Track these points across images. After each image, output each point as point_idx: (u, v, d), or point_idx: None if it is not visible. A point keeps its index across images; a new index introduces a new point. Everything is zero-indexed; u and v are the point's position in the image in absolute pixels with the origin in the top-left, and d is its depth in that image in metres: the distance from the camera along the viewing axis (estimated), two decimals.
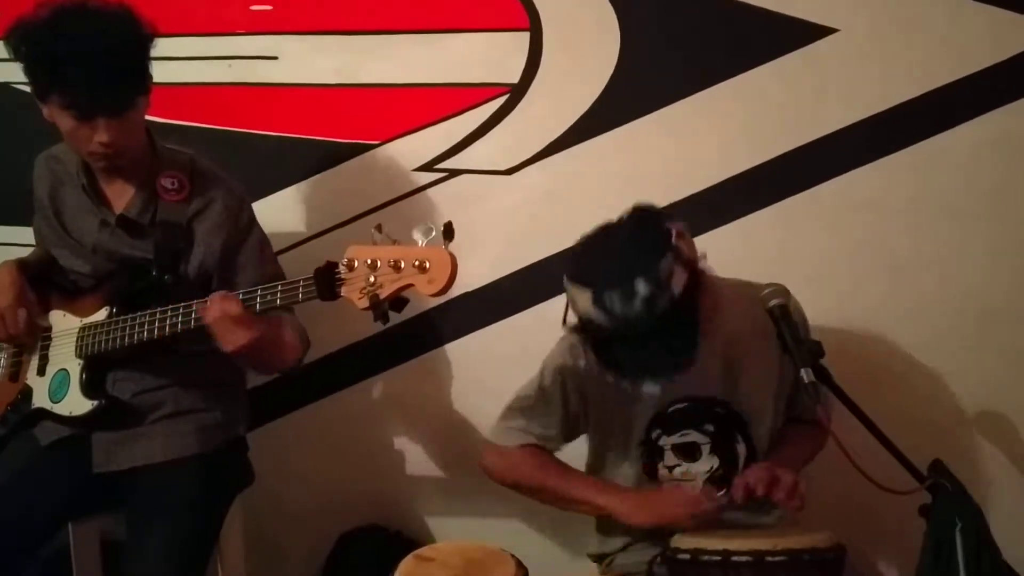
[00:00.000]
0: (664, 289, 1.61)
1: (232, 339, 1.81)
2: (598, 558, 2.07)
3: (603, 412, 1.96)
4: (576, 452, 2.03)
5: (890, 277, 2.30)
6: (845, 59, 2.28)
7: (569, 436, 2.02)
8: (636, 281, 1.60)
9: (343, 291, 1.66)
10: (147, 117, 2.00)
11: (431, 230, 1.60)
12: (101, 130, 1.87)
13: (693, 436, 1.95)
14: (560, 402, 1.96)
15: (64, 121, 1.88)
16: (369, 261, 1.62)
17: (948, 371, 2.30)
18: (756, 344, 1.87)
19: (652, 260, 1.62)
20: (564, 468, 1.98)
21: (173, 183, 2.02)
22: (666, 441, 1.95)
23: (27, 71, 1.87)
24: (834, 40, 2.27)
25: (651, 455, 1.96)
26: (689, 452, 1.95)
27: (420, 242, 1.60)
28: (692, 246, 1.71)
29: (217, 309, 1.79)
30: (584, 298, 1.66)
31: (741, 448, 1.96)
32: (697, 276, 1.67)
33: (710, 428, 1.95)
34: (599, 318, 1.64)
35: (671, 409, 1.93)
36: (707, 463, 1.96)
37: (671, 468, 1.96)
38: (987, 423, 2.29)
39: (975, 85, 2.24)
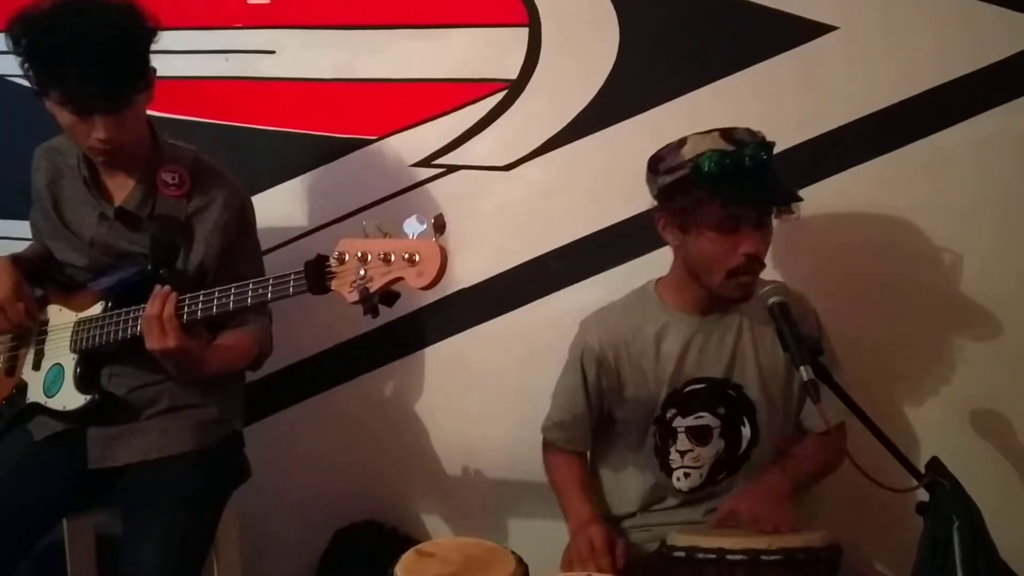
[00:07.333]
0: None
1: (156, 340, 1.82)
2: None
3: (622, 386, 2.01)
4: None
5: (890, 275, 2.30)
6: (844, 57, 2.27)
7: (597, 423, 2.08)
8: None
9: (333, 285, 1.64)
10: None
11: (422, 223, 1.58)
12: (99, 126, 1.86)
13: (707, 419, 2.00)
14: (582, 386, 2.03)
15: (63, 116, 1.87)
16: (360, 254, 1.61)
17: (946, 369, 2.30)
18: (772, 336, 1.89)
19: None
20: (568, 483, 2.07)
21: (173, 178, 2.01)
22: (680, 423, 2.00)
23: (26, 65, 1.85)
24: (833, 38, 2.27)
25: (664, 436, 2.01)
26: (702, 436, 2.00)
27: (410, 235, 1.58)
28: None
29: (158, 306, 1.81)
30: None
31: (746, 431, 2.02)
32: None
33: (722, 411, 2.00)
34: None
35: (687, 389, 1.98)
36: (715, 447, 2.01)
37: (683, 453, 2.00)
38: (986, 422, 2.29)
39: (974, 83, 2.23)
